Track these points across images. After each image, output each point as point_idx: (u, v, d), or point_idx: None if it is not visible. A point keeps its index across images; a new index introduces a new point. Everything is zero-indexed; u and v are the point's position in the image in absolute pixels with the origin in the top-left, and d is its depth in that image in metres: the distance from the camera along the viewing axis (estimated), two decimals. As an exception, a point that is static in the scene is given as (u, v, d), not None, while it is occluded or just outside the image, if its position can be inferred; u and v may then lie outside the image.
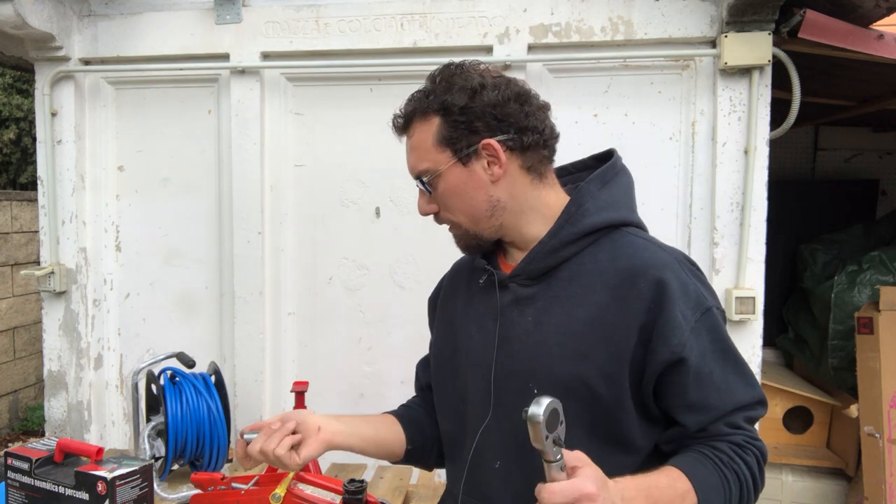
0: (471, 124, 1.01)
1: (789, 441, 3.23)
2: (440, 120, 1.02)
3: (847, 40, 2.07)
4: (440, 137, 1.03)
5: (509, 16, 2.36)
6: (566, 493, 0.78)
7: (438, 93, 1.03)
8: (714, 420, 0.98)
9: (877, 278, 3.01)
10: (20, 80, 6.98)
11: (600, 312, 0.99)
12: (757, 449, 0.98)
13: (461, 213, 1.06)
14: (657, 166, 2.34)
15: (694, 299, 0.99)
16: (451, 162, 1.03)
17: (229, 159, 2.56)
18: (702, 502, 0.91)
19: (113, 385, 2.75)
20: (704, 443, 0.97)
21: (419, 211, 1.09)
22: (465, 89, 1.01)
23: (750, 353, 2.28)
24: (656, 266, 0.99)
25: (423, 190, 1.07)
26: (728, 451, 0.96)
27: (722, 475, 0.94)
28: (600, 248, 1.03)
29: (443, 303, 1.24)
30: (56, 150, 2.61)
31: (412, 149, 1.07)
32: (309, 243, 2.58)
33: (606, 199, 1.06)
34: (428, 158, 1.04)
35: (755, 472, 0.97)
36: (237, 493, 1.70)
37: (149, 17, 2.56)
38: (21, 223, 4.82)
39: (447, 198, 1.06)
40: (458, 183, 1.04)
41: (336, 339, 2.58)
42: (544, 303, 1.03)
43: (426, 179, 1.05)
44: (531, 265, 1.05)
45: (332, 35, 2.46)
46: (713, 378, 0.97)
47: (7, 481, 1.47)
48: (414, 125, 1.06)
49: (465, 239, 1.09)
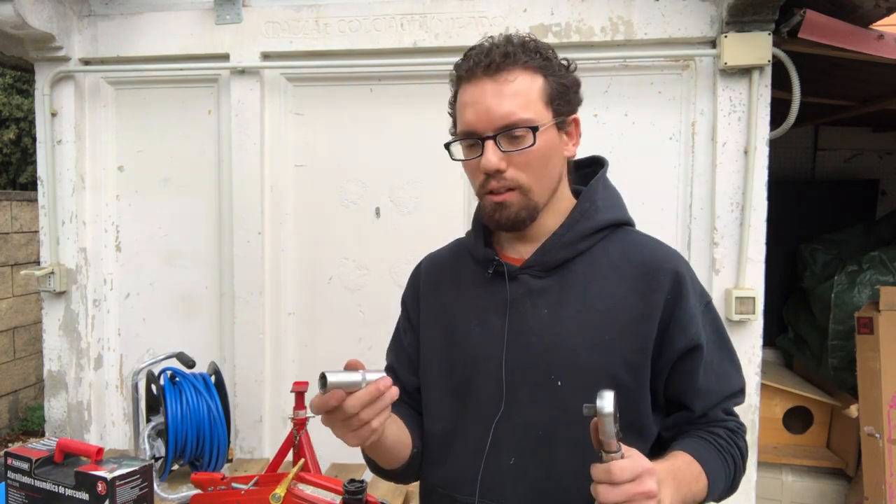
0: (567, 94, 1.03)
1: (789, 441, 3.23)
2: (545, 80, 1.01)
3: (847, 40, 2.07)
4: (548, 95, 1.00)
5: (509, 16, 2.36)
6: (633, 469, 0.80)
7: (542, 53, 1.01)
8: (714, 405, 1.05)
9: (877, 278, 3.01)
10: (20, 80, 6.99)
11: (619, 304, 1.02)
12: (744, 431, 1.09)
13: (538, 176, 1.01)
14: (657, 166, 2.34)
15: (700, 291, 1.07)
16: (553, 122, 1.01)
17: (229, 159, 2.56)
18: (711, 484, 0.96)
19: (113, 385, 2.75)
20: (703, 428, 1.04)
21: (487, 166, 0.98)
22: (560, 61, 1.03)
23: (750, 353, 2.28)
24: (670, 260, 1.05)
25: (505, 141, 0.98)
26: (725, 436, 1.04)
27: (723, 459, 1.01)
28: (610, 243, 1.07)
29: (425, 299, 1.19)
30: (56, 150, 2.61)
31: (514, 94, 0.98)
32: (309, 243, 2.58)
33: (610, 200, 1.11)
34: (532, 110, 0.98)
35: (744, 453, 1.07)
36: (237, 493, 1.70)
37: (149, 17, 2.56)
38: (21, 223, 4.82)
39: (534, 156, 0.99)
40: (549, 145, 1.01)
41: (336, 339, 2.58)
42: (558, 295, 1.04)
43: (522, 129, 0.97)
44: (547, 256, 1.05)
45: (332, 35, 2.46)
46: (714, 365, 1.05)
47: (7, 481, 1.47)
48: (516, 71, 0.98)
49: (519, 207, 1.01)
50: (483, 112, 0.99)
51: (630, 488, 0.79)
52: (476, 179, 1.04)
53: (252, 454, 2.57)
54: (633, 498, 0.79)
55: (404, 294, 1.26)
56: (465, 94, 1.03)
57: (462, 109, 1.03)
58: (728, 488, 1.04)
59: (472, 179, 1.06)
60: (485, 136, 0.99)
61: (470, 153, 1.03)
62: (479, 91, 1.00)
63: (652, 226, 1.17)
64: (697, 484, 0.95)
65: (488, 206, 1.04)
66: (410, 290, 1.25)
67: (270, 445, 2.56)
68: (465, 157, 1.05)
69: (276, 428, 2.58)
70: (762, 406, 2.44)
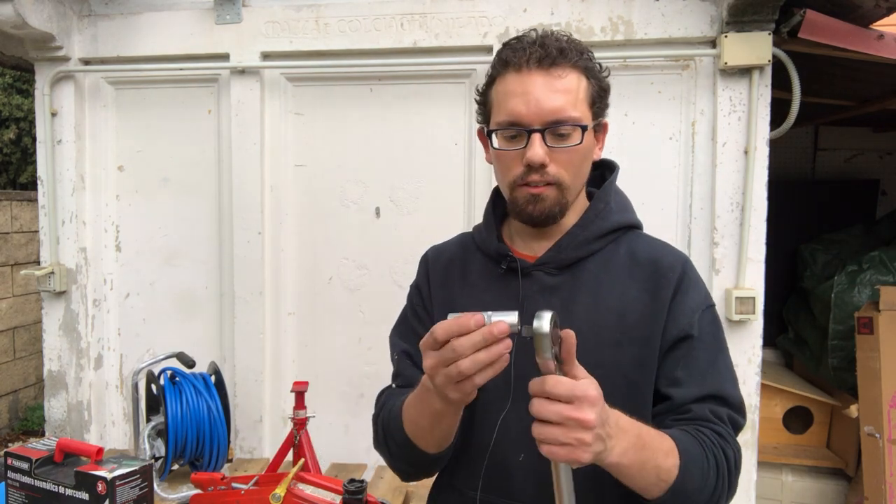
0: (605, 98, 1.06)
1: (789, 441, 3.23)
2: (588, 81, 1.02)
3: (847, 40, 2.07)
4: (591, 97, 1.02)
5: (509, 16, 2.36)
6: (570, 387, 0.76)
7: (586, 56, 1.03)
8: (697, 399, 0.99)
9: (877, 278, 3.01)
10: (20, 80, 6.98)
11: (630, 303, 1.02)
12: (736, 450, 0.99)
13: (576, 175, 1.02)
14: (657, 166, 2.34)
15: (704, 293, 1.06)
16: (592, 123, 1.03)
17: (229, 159, 2.56)
18: (682, 465, 0.89)
19: (113, 385, 2.75)
20: (689, 424, 0.98)
21: (534, 158, 0.97)
22: (598, 66, 1.05)
23: (750, 353, 2.28)
24: (679, 260, 1.06)
25: (551, 137, 0.98)
26: (711, 436, 0.96)
27: (703, 452, 0.93)
28: (620, 244, 1.08)
29: (435, 290, 1.17)
30: (56, 150, 2.61)
31: (565, 90, 0.98)
32: (309, 243, 2.58)
33: (622, 203, 1.13)
34: (579, 109, 1.00)
35: (732, 468, 0.96)
36: (237, 493, 1.70)
37: (149, 17, 2.56)
38: (21, 223, 4.82)
39: (577, 155, 1.00)
40: (590, 146, 1.04)
41: (336, 339, 2.58)
42: (570, 293, 1.04)
43: (570, 126, 0.98)
44: (562, 254, 1.05)
45: (332, 35, 2.46)
46: (701, 362, 1.01)
47: (7, 481, 1.47)
48: (567, 68, 0.99)
49: (553, 202, 1.01)
50: (533, 104, 0.97)
51: (564, 409, 0.76)
52: (513, 171, 1.01)
53: (252, 454, 2.57)
54: (564, 421, 0.76)
55: (418, 280, 1.23)
56: (511, 83, 1.00)
57: (506, 98, 1.00)
58: (710, 495, 0.94)
59: (506, 171, 1.03)
60: (532, 128, 0.98)
61: (510, 144, 1.01)
62: (531, 82, 0.98)
63: (652, 226, 1.17)
64: (666, 458, 0.88)
65: (522, 198, 1.02)
66: (423, 277, 1.21)
67: (270, 445, 2.56)
68: (504, 147, 1.02)
69: (276, 428, 2.58)
70: (762, 406, 2.44)
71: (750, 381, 2.29)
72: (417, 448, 1.01)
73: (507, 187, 1.04)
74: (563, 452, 0.77)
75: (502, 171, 1.04)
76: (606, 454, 0.81)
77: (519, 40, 1.02)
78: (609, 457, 0.81)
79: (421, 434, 0.99)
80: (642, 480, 0.87)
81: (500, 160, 1.04)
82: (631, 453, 0.84)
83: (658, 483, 0.88)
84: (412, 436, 1.00)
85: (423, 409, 0.94)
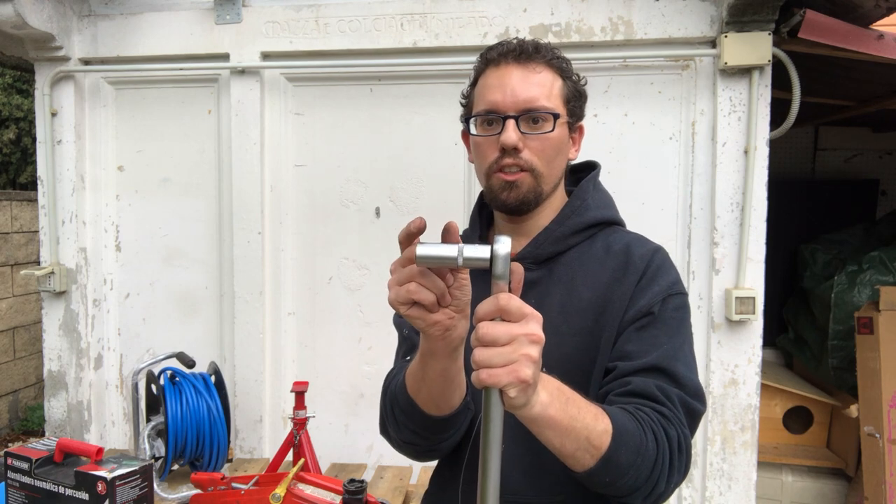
0: (579, 103, 1.12)
1: (789, 441, 3.23)
2: (563, 82, 1.08)
3: (847, 40, 2.07)
4: (565, 95, 1.08)
5: (509, 16, 2.36)
6: (521, 303, 0.74)
7: (561, 59, 1.09)
8: (641, 369, 0.95)
9: (877, 278, 3.01)
10: (20, 80, 6.99)
11: (602, 291, 1.04)
12: (682, 433, 0.92)
13: (549, 164, 1.06)
14: (657, 166, 2.34)
15: (673, 280, 1.05)
16: (566, 119, 1.08)
17: (229, 159, 2.56)
18: (615, 434, 0.85)
19: (113, 385, 2.75)
20: (630, 403, 0.94)
21: (507, 141, 1.02)
22: (575, 74, 1.11)
23: (750, 353, 2.29)
24: (650, 248, 1.08)
25: (525, 124, 1.03)
26: (651, 414, 0.92)
27: (640, 427, 0.89)
28: (597, 240, 1.11)
29: None
30: (56, 150, 2.61)
31: (539, 83, 1.05)
32: (309, 243, 2.58)
33: (601, 200, 1.15)
34: (553, 102, 1.05)
35: (674, 449, 0.91)
36: (237, 493, 1.70)
37: (149, 17, 2.56)
38: (21, 223, 4.82)
39: (549, 144, 1.05)
40: (562, 139, 1.07)
41: (336, 339, 2.58)
42: (545, 286, 1.07)
43: (544, 114, 1.03)
44: (539, 249, 1.09)
45: (332, 35, 2.46)
46: (657, 340, 0.98)
47: (7, 481, 1.47)
48: (543, 65, 1.06)
49: (528, 189, 1.04)
50: (509, 93, 1.03)
51: (513, 327, 0.73)
52: (488, 157, 1.05)
53: (252, 454, 2.57)
54: (513, 339, 0.73)
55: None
56: (490, 77, 1.06)
57: (485, 90, 1.06)
58: (648, 475, 0.88)
59: (483, 159, 1.06)
60: (507, 114, 1.03)
61: (487, 130, 1.06)
62: (507, 74, 1.04)
63: (652, 226, 1.18)
64: (596, 421, 0.84)
65: (497, 185, 1.06)
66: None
67: (270, 445, 2.56)
68: (481, 133, 1.07)
69: (276, 428, 2.58)
70: (762, 406, 2.44)
71: (750, 381, 2.29)
72: (418, 408, 1.00)
73: (484, 175, 1.08)
74: (504, 374, 0.72)
75: (479, 160, 1.08)
76: (535, 399, 0.78)
77: (500, 44, 1.09)
78: (534, 406, 0.78)
79: (419, 388, 0.98)
80: (571, 442, 0.83)
81: (477, 149, 1.08)
82: (557, 405, 0.81)
83: (589, 449, 0.84)
84: (413, 393, 1.00)
85: (417, 359, 0.95)
